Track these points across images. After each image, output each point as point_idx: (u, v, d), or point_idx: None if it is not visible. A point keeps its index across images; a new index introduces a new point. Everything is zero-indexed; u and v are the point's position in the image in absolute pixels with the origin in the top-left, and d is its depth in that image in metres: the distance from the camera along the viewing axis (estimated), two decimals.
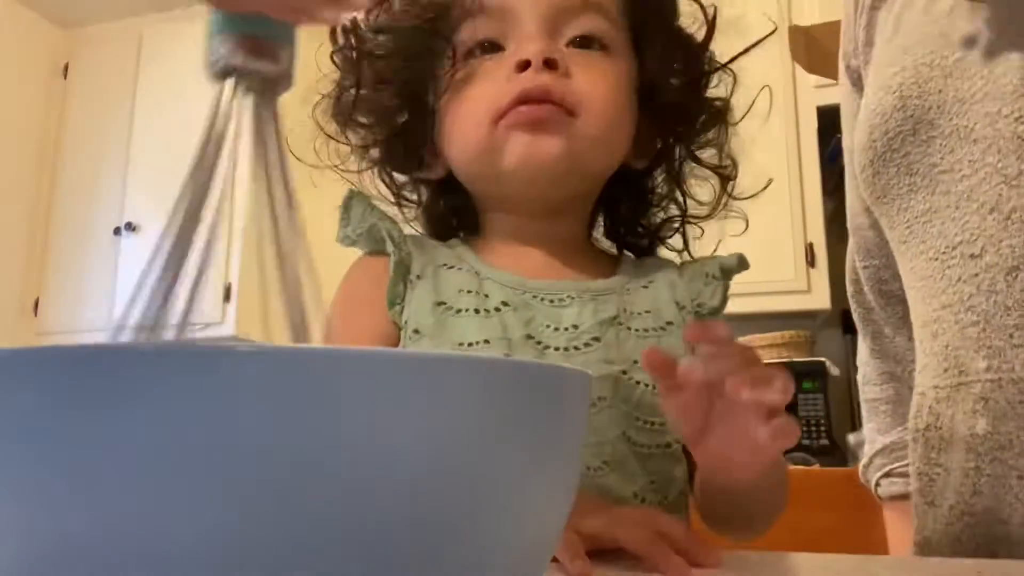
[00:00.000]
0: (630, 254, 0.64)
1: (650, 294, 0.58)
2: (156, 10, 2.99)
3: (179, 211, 0.30)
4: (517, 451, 0.23)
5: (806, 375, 2.06)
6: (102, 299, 2.79)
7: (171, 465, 0.19)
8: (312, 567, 0.20)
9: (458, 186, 0.60)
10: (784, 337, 2.15)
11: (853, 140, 0.63)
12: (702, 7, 0.61)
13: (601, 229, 0.65)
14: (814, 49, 2.05)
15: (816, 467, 1.73)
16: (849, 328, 2.30)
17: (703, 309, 0.59)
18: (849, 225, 0.72)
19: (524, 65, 0.52)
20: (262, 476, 0.19)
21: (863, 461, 0.71)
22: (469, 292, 0.55)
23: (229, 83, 0.32)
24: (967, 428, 0.49)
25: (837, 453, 2.05)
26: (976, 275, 0.49)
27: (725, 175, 0.63)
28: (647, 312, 0.57)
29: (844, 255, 0.76)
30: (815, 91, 2.17)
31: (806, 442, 2.04)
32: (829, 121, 2.21)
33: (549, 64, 0.52)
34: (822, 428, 2.05)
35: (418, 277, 0.56)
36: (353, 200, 0.59)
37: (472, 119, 0.54)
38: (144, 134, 2.89)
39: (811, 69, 2.08)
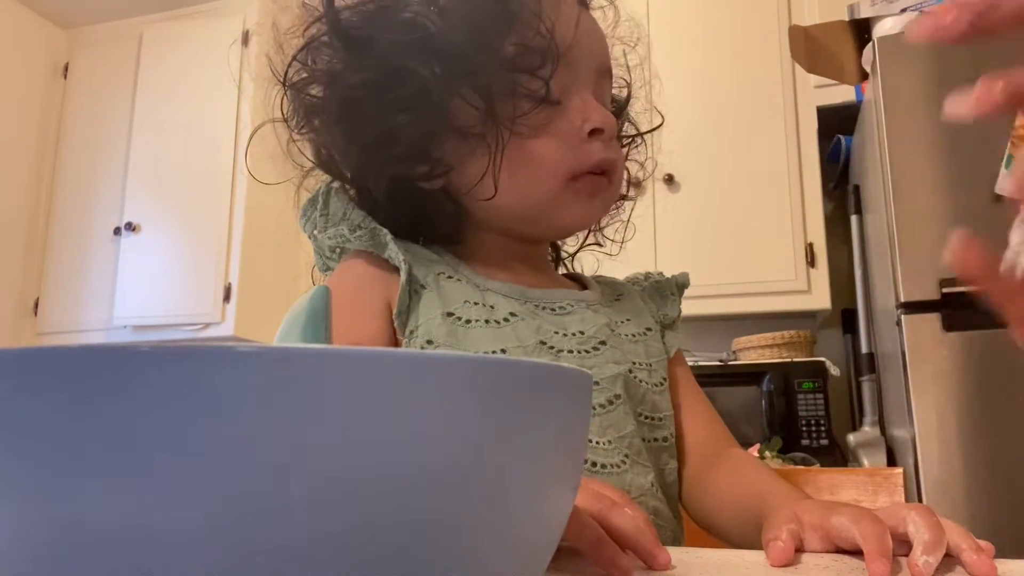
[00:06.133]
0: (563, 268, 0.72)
1: (626, 305, 0.64)
2: (156, 10, 2.99)
3: None
4: (517, 451, 0.23)
5: (806, 375, 2.06)
6: (102, 299, 2.79)
7: (170, 465, 0.19)
8: (312, 566, 0.19)
9: (446, 198, 0.59)
10: (784, 337, 2.14)
11: None
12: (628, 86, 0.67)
13: None
14: (814, 49, 2.06)
15: (816, 467, 1.73)
16: (849, 328, 2.31)
17: (667, 319, 0.66)
18: None
19: (596, 131, 0.55)
20: (262, 476, 0.19)
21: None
22: (475, 304, 0.55)
23: None
24: None
25: (837, 453, 2.05)
26: None
27: (631, 197, 0.71)
28: (629, 320, 0.62)
29: (844, 255, 0.77)
30: (815, 91, 2.17)
31: (806, 442, 2.04)
32: (829, 121, 2.21)
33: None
34: (822, 428, 2.05)
35: (422, 287, 0.56)
36: (332, 195, 0.58)
37: (546, 171, 0.55)
38: (144, 134, 2.89)
39: (811, 69, 2.08)
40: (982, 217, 1.41)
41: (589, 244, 0.70)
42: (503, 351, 0.53)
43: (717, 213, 2.21)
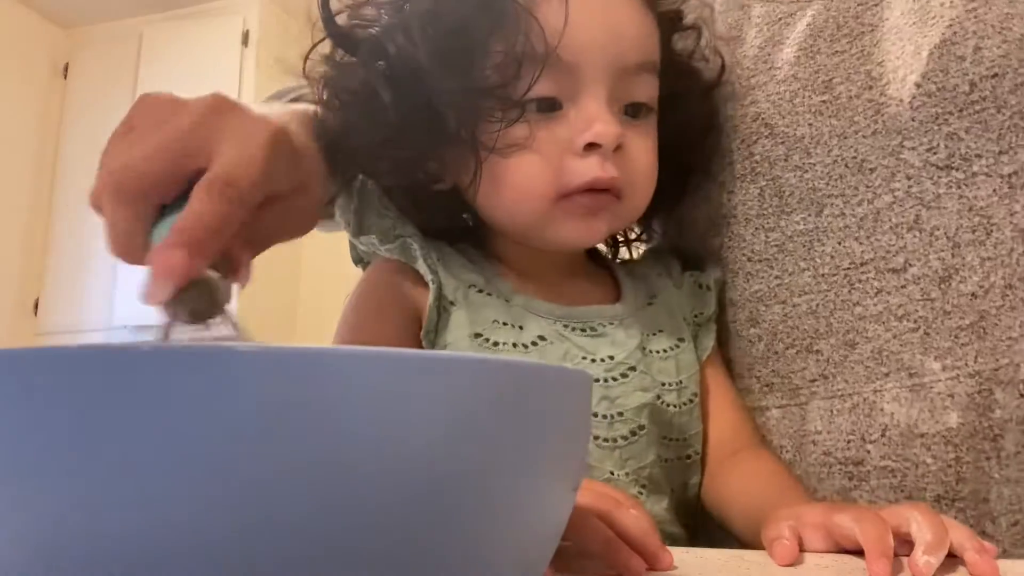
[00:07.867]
0: (605, 259, 0.66)
1: (660, 311, 0.60)
2: (156, 10, 2.99)
3: None
4: (517, 451, 0.23)
5: None
6: (102, 299, 2.79)
7: (170, 465, 0.19)
8: (312, 566, 0.19)
9: (459, 200, 0.57)
10: None
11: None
12: (721, 56, 0.61)
13: None
14: None
15: None
16: None
17: (700, 319, 0.62)
18: None
19: (592, 146, 0.50)
20: (262, 476, 0.19)
21: None
22: (504, 324, 0.53)
23: None
24: (938, 424, 0.52)
25: None
26: (903, 287, 0.53)
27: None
28: (661, 331, 0.58)
29: None
30: None
31: None
32: None
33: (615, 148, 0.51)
34: None
35: (452, 303, 0.54)
36: (364, 195, 0.56)
37: (532, 189, 0.52)
38: None
39: None
40: None
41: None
42: None
43: None
